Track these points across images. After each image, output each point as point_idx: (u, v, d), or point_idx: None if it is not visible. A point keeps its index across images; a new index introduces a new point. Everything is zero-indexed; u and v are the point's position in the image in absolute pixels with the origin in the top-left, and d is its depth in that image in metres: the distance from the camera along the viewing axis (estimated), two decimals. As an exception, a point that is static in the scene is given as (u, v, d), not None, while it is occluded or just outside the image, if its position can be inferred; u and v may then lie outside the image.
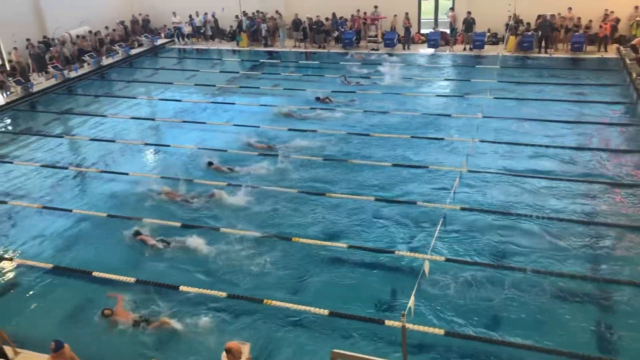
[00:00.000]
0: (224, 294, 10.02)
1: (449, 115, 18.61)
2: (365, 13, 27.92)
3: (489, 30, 27.13)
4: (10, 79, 23.03)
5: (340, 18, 28.35)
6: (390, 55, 26.31)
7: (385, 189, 13.82)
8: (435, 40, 26.82)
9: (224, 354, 7.48)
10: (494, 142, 16.17)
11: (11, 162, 16.66)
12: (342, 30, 28.09)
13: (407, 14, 26.89)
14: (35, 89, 23.24)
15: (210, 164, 15.43)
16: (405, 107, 19.58)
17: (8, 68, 24.02)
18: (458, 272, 10.35)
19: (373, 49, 27.50)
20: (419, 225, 12.12)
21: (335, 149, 16.37)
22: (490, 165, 14.78)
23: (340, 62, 25.66)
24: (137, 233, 12.02)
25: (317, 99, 20.42)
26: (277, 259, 11.15)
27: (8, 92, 22.44)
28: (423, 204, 12.89)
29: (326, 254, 11.26)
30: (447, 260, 10.67)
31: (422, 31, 28.81)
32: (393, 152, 15.99)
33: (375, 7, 27.64)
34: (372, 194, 13.53)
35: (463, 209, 12.54)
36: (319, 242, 11.59)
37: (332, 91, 21.52)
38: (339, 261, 11.04)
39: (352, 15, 28.27)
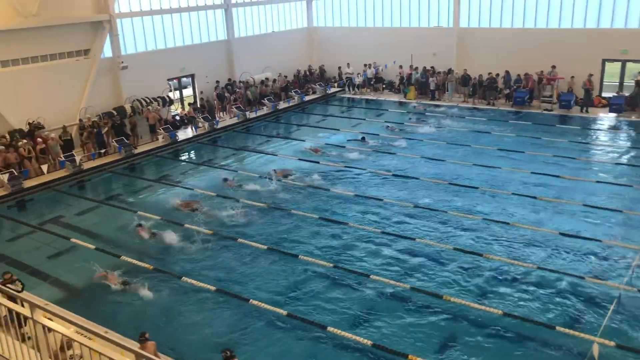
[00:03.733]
0: (368, 342, 9.99)
1: (630, 186, 16.97)
2: (542, 72, 26.87)
3: (685, 97, 24.53)
4: (199, 115, 25.80)
5: (518, 75, 27.61)
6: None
7: (550, 258, 12.90)
8: (618, 105, 24.84)
9: None
10: (685, 221, 14.38)
11: (192, 189, 18.45)
12: (515, 88, 27.29)
13: (590, 75, 25.37)
14: (219, 126, 25.69)
15: (225, 180, 18.54)
16: (578, 173, 18.28)
17: (199, 105, 26.96)
18: (630, 361, 9.24)
19: (546, 109, 26.26)
20: (586, 303, 11.08)
21: (494, 209, 15.75)
22: (678, 246, 13.13)
23: (510, 121, 24.89)
24: None
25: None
26: (425, 315, 10.91)
27: (197, 127, 25.11)
28: (593, 280, 11.79)
29: (478, 317, 10.75)
30: (619, 346, 9.56)
31: (604, 94, 26.91)
32: (562, 219, 14.93)
33: (553, 66, 26.51)
34: (535, 261, 12.70)
35: (641, 292, 11.25)
36: (471, 304, 11.12)
37: (497, 148, 20.89)
38: (493, 328, 10.45)
39: (526, 74, 27.38)
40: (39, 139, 20.25)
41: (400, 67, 31.18)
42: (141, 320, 11.14)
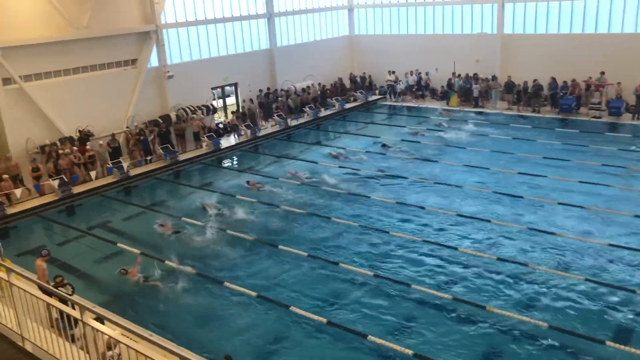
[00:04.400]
0: (410, 352, 9.88)
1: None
2: (590, 77, 26.13)
3: None
4: (241, 123, 26.16)
5: (564, 82, 26.90)
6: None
7: (599, 270, 12.50)
8: (672, 112, 23.96)
9: None
10: None
11: (233, 196, 18.67)
12: (561, 95, 26.62)
13: (644, 80, 24.57)
14: (261, 133, 25.98)
15: (247, 182, 19.44)
16: (628, 183, 17.68)
17: (241, 114, 27.33)
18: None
19: (595, 117, 25.51)
20: (637, 317, 10.69)
21: (539, 219, 15.37)
22: None
23: (556, 129, 24.38)
24: None
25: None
26: (467, 326, 10.74)
27: (239, 135, 25.48)
28: (645, 293, 11.37)
29: (522, 329, 10.50)
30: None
31: (656, 101, 25.96)
32: (611, 230, 14.44)
33: (602, 73, 25.74)
34: (583, 273, 12.32)
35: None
36: (515, 315, 10.87)
37: (550, 157, 20.41)
38: (538, 341, 10.18)
39: (573, 80, 26.67)
40: (88, 147, 20.91)
41: (427, 73, 31.29)
42: (181, 324, 11.37)
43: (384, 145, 23.26)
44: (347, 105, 30.81)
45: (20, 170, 19.24)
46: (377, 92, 33.21)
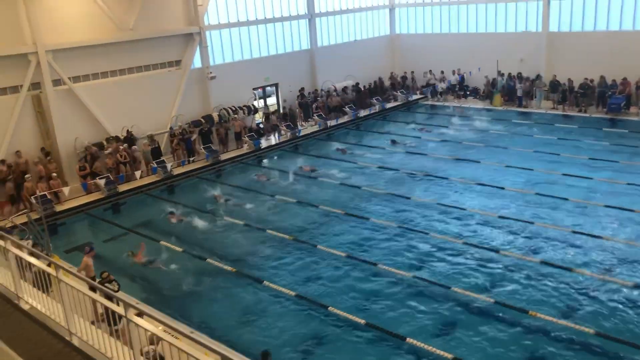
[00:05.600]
0: (449, 356, 9.76)
1: None
2: (641, 76, 25.26)
3: None
4: (282, 123, 26.34)
5: (613, 81, 26.03)
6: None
7: (647, 275, 12.09)
8: None
9: None
10: None
11: (273, 196, 18.80)
12: (610, 94, 25.76)
13: (696, 79, 23.57)
14: (302, 133, 26.09)
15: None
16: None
17: (281, 114, 27.53)
18: None
19: (645, 116, 24.65)
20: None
21: (584, 222, 14.93)
22: None
23: (604, 129, 23.63)
24: None
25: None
26: (509, 331, 10.53)
27: (280, 135, 25.67)
28: (697, 301, 10.91)
29: (567, 335, 10.24)
30: None
31: None
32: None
33: (654, 71, 24.85)
34: (630, 279, 11.92)
35: None
36: (559, 321, 10.60)
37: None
38: (583, 347, 9.91)
39: (623, 79, 25.76)
40: (134, 147, 21.42)
41: (469, 74, 30.74)
42: (219, 322, 11.55)
43: (393, 142, 24.12)
44: (388, 105, 30.63)
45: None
46: (418, 91, 32.88)
